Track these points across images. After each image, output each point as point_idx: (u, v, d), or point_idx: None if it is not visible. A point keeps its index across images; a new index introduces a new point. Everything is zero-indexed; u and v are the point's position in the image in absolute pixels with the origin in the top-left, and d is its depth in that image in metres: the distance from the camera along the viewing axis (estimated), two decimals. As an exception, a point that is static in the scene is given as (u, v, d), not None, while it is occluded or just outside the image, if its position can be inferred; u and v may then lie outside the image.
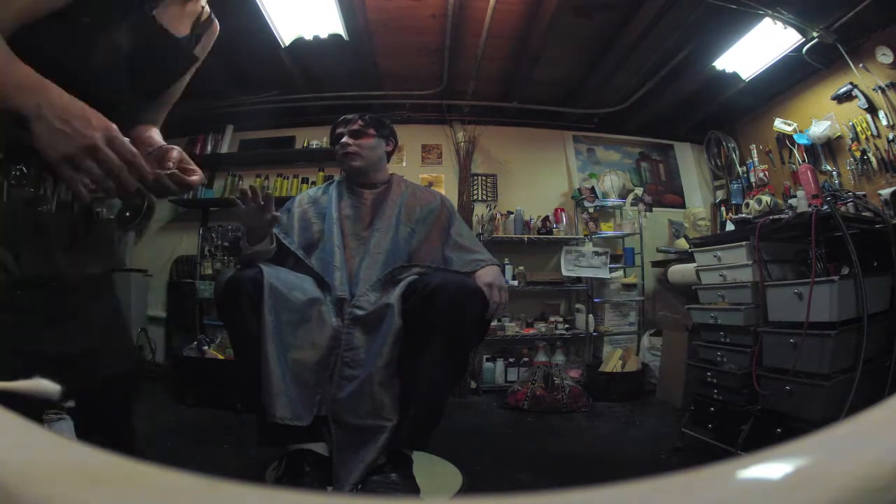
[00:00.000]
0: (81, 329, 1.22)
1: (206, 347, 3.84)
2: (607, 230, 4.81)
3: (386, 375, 1.74)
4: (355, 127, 2.14)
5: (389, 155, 2.26)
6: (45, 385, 0.34)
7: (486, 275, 1.97)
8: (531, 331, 4.56)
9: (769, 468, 0.23)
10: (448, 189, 4.87)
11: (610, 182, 4.88)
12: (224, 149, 5.08)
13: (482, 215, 4.75)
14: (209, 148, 5.07)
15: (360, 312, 1.83)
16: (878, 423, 0.26)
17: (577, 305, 4.72)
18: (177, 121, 4.61)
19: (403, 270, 1.94)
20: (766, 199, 3.82)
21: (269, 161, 5.09)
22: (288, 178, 4.96)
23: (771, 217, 3.19)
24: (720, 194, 5.06)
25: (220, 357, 3.73)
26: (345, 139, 2.11)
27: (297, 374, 1.72)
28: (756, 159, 4.61)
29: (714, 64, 3.86)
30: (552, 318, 4.64)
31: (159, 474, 0.22)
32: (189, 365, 3.74)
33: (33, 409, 1.08)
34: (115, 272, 1.46)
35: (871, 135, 3.56)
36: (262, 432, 1.75)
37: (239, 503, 0.22)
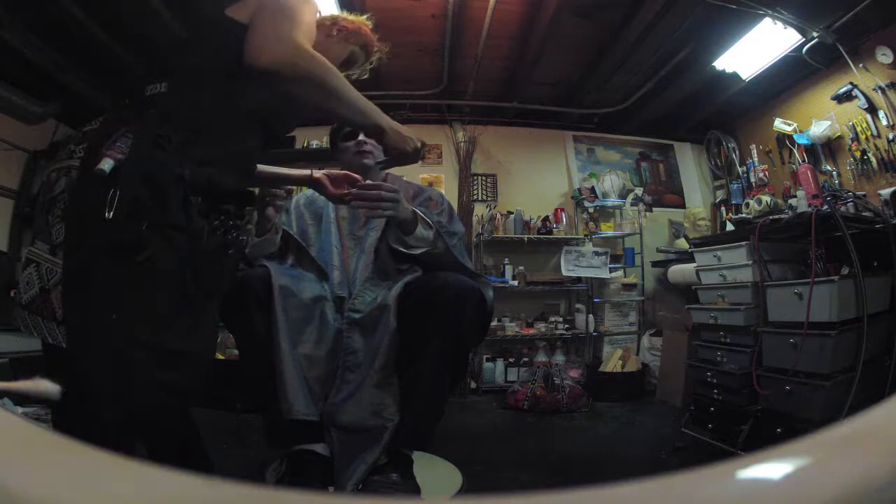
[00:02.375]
0: (201, 334, 1.39)
1: (205, 347, 3.82)
2: (607, 230, 4.82)
3: (382, 377, 1.74)
4: None
5: None
6: (45, 385, 0.34)
7: None
8: (531, 331, 4.57)
9: (769, 468, 0.23)
10: (448, 189, 4.87)
11: (610, 182, 4.89)
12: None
13: (482, 215, 4.76)
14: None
15: (356, 315, 1.83)
16: (878, 423, 0.26)
17: (577, 305, 4.72)
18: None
19: (386, 260, 1.96)
20: (766, 199, 3.82)
21: (268, 161, 5.02)
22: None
23: (771, 217, 3.20)
24: (720, 194, 5.06)
25: (220, 357, 3.73)
26: (362, 137, 2.10)
27: (308, 371, 1.73)
28: (756, 159, 4.61)
29: (714, 64, 3.87)
30: (552, 318, 4.65)
31: (162, 476, 0.22)
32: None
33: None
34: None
35: (871, 135, 3.56)
36: (272, 433, 1.75)
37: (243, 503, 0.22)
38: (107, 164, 1.17)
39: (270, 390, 1.67)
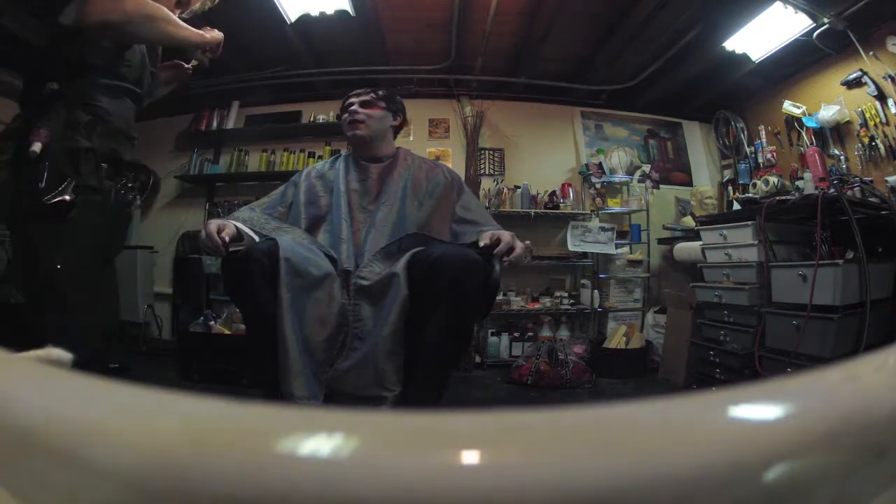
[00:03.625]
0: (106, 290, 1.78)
1: (212, 323, 3.86)
2: (614, 206, 4.79)
3: (392, 344, 1.73)
4: (367, 97, 2.13)
5: (397, 130, 2.24)
6: (56, 353, 0.36)
7: (504, 233, 1.85)
8: (536, 305, 4.59)
9: (767, 399, 0.23)
10: (455, 163, 4.86)
11: (617, 158, 4.85)
12: (230, 124, 5.05)
13: (489, 189, 4.76)
14: (215, 124, 5.05)
15: (364, 283, 1.81)
16: (873, 368, 0.28)
17: (583, 281, 4.73)
18: (182, 97, 4.59)
19: (410, 240, 1.91)
20: (773, 179, 3.82)
21: (275, 136, 5.06)
22: (294, 153, 4.95)
23: (777, 198, 3.20)
24: (727, 174, 5.03)
25: (227, 332, 3.76)
26: (354, 107, 2.11)
27: (311, 352, 1.71)
28: (764, 140, 4.59)
29: (724, 45, 3.84)
30: (557, 293, 4.66)
31: (195, 401, 0.23)
32: (196, 340, 3.77)
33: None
34: None
35: (880, 122, 3.53)
36: None
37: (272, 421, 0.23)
38: (37, 147, 1.53)
39: (272, 371, 1.66)
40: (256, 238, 1.89)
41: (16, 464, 0.25)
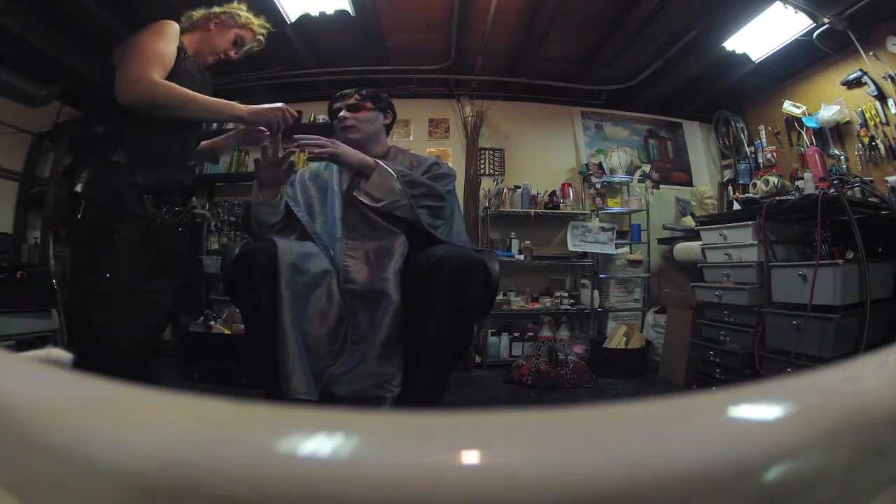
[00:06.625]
0: (164, 295, 2.05)
1: (212, 323, 3.87)
2: (614, 206, 4.78)
3: (386, 350, 1.74)
4: (352, 101, 2.13)
5: (388, 127, 2.25)
6: (56, 353, 0.36)
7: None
8: (536, 305, 4.58)
9: (767, 399, 0.24)
10: (455, 163, 4.84)
11: (617, 158, 4.85)
12: (230, 124, 5.00)
13: (489, 189, 4.75)
14: (214, 124, 5.02)
15: (353, 286, 1.83)
16: (873, 368, 0.28)
17: (583, 281, 4.73)
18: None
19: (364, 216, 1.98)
20: (773, 179, 3.82)
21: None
22: (294, 153, 4.92)
23: (777, 198, 3.20)
24: (727, 173, 5.03)
25: (227, 332, 3.76)
26: (342, 113, 2.11)
27: (311, 348, 1.73)
28: (764, 140, 4.58)
29: (724, 45, 3.83)
30: (557, 293, 4.65)
31: (198, 402, 0.24)
32: (196, 340, 3.76)
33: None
34: None
35: (880, 122, 3.52)
36: None
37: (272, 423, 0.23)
38: (78, 187, 1.92)
39: (272, 369, 1.67)
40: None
41: (16, 464, 0.25)
